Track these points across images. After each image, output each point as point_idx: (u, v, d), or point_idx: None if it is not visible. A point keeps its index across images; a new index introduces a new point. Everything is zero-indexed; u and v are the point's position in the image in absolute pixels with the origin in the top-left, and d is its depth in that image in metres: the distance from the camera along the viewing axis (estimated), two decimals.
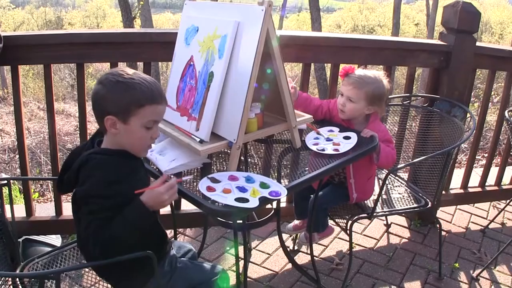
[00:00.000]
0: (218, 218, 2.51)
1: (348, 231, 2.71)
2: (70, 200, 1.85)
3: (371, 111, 2.62)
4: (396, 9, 17.43)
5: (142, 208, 1.68)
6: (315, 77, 12.68)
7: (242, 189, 1.89)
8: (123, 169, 1.76)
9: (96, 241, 1.66)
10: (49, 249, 2.46)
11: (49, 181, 5.63)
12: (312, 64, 3.43)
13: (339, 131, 2.54)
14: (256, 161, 2.60)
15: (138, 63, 4.70)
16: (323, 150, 2.30)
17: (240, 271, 2.58)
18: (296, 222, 3.09)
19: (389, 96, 3.28)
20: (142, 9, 14.10)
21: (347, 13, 37.22)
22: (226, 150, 2.15)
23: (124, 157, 1.80)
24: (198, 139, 2.07)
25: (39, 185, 5.87)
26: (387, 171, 2.85)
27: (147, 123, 1.77)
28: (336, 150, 2.29)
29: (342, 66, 2.74)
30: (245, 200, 1.82)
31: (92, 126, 9.49)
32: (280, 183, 2.02)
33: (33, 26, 29.11)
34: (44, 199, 5.40)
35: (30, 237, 3.00)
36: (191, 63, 2.22)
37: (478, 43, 3.38)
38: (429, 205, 2.90)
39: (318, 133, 2.49)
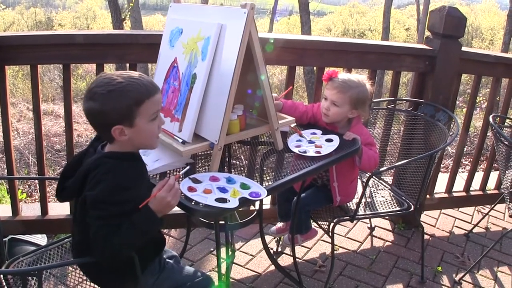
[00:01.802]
0: (201, 219, 2.52)
1: (330, 233, 2.73)
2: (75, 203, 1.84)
3: (354, 115, 2.64)
4: (386, 13, 17.47)
5: (151, 215, 1.71)
6: (304, 80, 12.70)
7: (222, 190, 1.90)
8: (133, 174, 1.77)
9: (106, 246, 1.66)
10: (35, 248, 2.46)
11: (36, 182, 5.61)
12: (302, 68, 3.45)
13: (321, 134, 2.56)
14: (240, 163, 2.61)
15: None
16: (305, 152, 2.32)
17: (223, 272, 2.60)
18: (279, 225, 3.10)
19: (374, 100, 3.30)
20: (132, 11, 14.07)
21: (338, 17, 37.19)
22: (209, 151, 2.17)
23: (133, 160, 1.81)
24: (180, 140, 2.09)
25: (27, 186, 5.84)
26: (369, 174, 2.87)
27: (151, 116, 1.77)
28: (318, 152, 2.31)
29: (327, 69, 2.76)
30: (226, 201, 1.84)
31: (81, 127, 9.51)
32: (262, 184, 2.04)
33: (23, 26, 28.96)
34: (32, 200, 5.38)
35: (16, 236, 3.01)
36: (175, 64, 2.24)
37: (463, 48, 3.41)
38: (412, 209, 2.93)
39: (300, 135, 2.51)
